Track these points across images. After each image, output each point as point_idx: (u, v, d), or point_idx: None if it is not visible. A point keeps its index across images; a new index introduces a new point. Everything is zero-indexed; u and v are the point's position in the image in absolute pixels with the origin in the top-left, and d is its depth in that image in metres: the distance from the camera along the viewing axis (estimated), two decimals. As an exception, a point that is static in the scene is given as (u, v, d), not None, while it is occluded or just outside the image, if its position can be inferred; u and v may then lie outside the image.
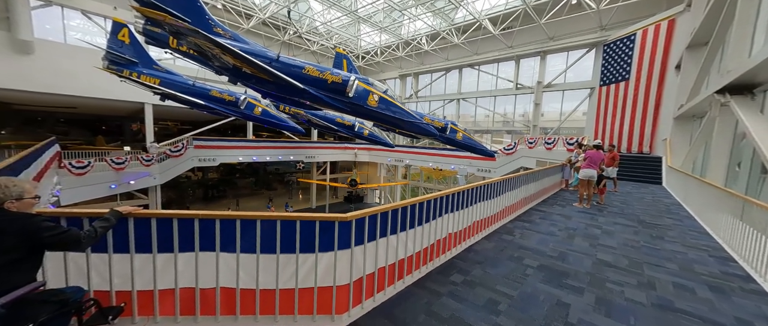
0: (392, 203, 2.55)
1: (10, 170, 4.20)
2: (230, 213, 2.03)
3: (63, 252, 1.92)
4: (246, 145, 20.69)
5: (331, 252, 2.17)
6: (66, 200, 12.05)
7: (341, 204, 28.66)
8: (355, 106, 9.90)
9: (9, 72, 13.58)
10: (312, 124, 19.82)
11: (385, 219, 2.49)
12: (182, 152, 17.52)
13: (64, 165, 12.12)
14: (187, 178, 28.79)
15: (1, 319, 1.23)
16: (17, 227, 1.41)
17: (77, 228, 1.71)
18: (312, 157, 24.21)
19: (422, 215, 2.95)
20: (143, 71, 13.28)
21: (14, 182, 1.50)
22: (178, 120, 28.44)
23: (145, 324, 2.06)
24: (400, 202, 2.59)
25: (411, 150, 23.91)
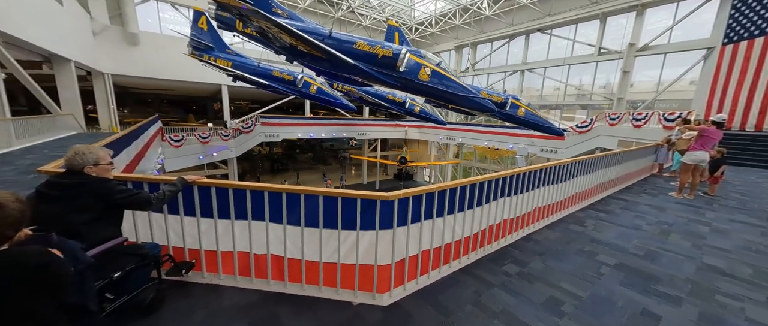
0: (439, 183, 2.33)
1: (123, 142, 5.13)
2: (277, 187, 2.08)
3: (148, 213, 2.22)
4: (304, 122, 22.08)
5: (372, 231, 2.09)
6: (168, 167, 14.64)
7: (391, 181, 29.14)
8: (405, 80, 9.52)
9: (123, 60, 16.47)
10: (363, 102, 20.02)
11: (430, 201, 2.29)
12: (252, 128, 19.49)
13: (166, 138, 14.56)
14: (258, 152, 32.42)
15: (94, 268, 1.45)
16: (95, 189, 1.63)
17: (148, 191, 1.95)
18: (363, 134, 24.75)
19: (473, 198, 2.67)
20: (219, 55, 14.81)
21: (90, 149, 1.69)
22: (249, 99, 31.58)
23: (211, 279, 2.31)
24: (447, 183, 2.35)
25: (464, 127, 22.58)
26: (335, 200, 2.04)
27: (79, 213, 1.56)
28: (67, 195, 1.57)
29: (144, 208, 1.81)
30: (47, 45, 10.42)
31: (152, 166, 10.12)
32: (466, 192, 2.57)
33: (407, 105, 18.74)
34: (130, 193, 1.73)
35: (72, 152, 1.65)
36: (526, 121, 12.95)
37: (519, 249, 3.13)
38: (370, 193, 2.00)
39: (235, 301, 2.09)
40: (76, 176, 1.62)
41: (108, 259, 1.62)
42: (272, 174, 29.99)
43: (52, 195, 1.55)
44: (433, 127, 24.01)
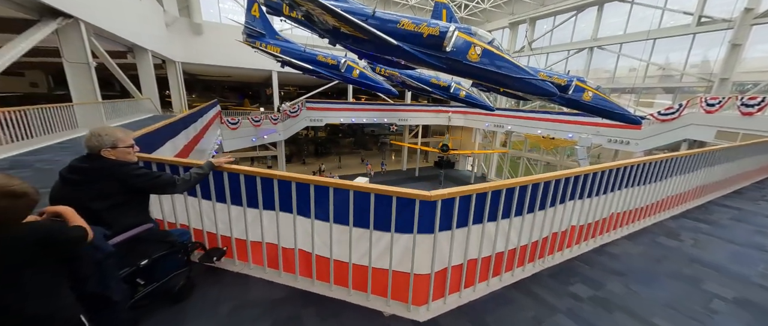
0: (492, 182, 1.90)
1: (181, 124, 5.51)
2: (305, 177, 1.87)
3: (184, 198, 2.20)
4: (346, 107, 22.30)
5: (408, 234, 1.77)
6: (226, 147, 16.03)
7: (431, 168, 28.38)
8: (452, 61, 8.76)
9: (190, 49, 18.09)
10: (406, 86, 19.40)
11: (481, 202, 1.89)
12: (298, 113, 20.30)
13: (224, 121, 15.87)
14: (304, 135, 34.07)
15: (115, 256, 1.40)
16: (114, 173, 1.56)
17: (170, 174, 1.87)
18: (405, 120, 24.23)
19: (535, 200, 2.18)
20: (269, 41, 15.41)
21: (107, 131, 1.59)
22: (297, 85, 32.94)
23: (241, 268, 2.25)
24: (502, 182, 1.91)
25: (515, 114, 20.66)
26: (367, 196, 1.76)
27: (100, 200, 1.50)
28: (87, 180, 1.51)
29: (167, 191, 1.73)
30: (130, 36, 11.77)
31: (211, 146, 11.09)
32: (526, 193, 2.10)
33: (452, 89, 17.69)
34: (150, 176, 1.64)
35: (89, 134, 1.58)
36: (593, 107, 11.22)
37: (589, 264, 2.56)
38: (407, 191, 1.68)
39: (261, 296, 1.98)
40: (94, 160, 1.55)
41: (134, 247, 1.58)
42: (316, 156, 31.34)
43: (73, 180, 1.51)
44: (479, 113, 22.43)
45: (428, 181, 24.02)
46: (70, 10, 7.74)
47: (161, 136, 4.21)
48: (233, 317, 1.78)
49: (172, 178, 1.72)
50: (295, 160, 29.25)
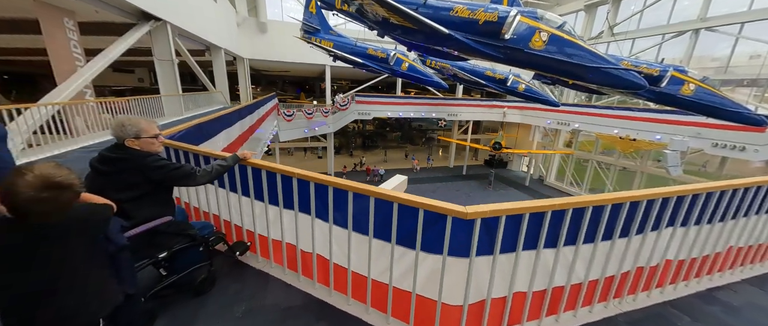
0: (555, 199, 1.46)
1: (236, 115, 5.93)
2: (324, 178, 1.67)
3: (214, 189, 2.21)
4: (393, 101, 22.11)
5: (437, 255, 1.46)
6: (281, 138, 17.26)
7: (480, 167, 26.71)
8: (512, 51, 7.84)
9: (256, 47, 19.71)
10: (457, 79, 18.37)
11: (537, 223, 1.47)
12: (347, 106, 20.80)
13: (280, 113, 17.05)
14: (353, 129, 35.11)
15: (129, 250, 1.39)
16: (136, 165, 1.55)
17: (191, 165, 1.83)
18: (454, 115, 23.08)
19: (614, 224, 1.65)
20: (324, 36, 15.96)
21: (131, 121, 1.57)
22: (348, 79, 33.94)
23: (263, 265, 2.19)
24: (568, 200, 1.46)
25: (585, 110, 18.02)
26: (389, 205, 1.49)
27: (123, 191, 1.51)
28: (113, 171, 1.53)
29: (187, 183, 1.68)
30: (207, 36, 13.22)
31: (267, 136, 11.98)
32: (603, 215, 1.59)
33: (510, 82, 16.19)
34: (169, 168, 1.60)
35: (114, 123, 1.58)
36: (694, 103, 9.09)
37: (690, 314, 1.90)
38: (438, 204, 1.36)
39: (276, 300, 1.88)
40: (119, 150, 1.56)
41: (154, 239, 1.58)
42: (364, 149, 32.01)
43: (101, 170, 1.53)
44: (540, 109, 20.22)
45: (477, 181, 22.65)
46: (160, 14, 8.91)
47: (216, 126, 4.52)
48: (246, 320, 1.70)
49: (191, 170, 1.67)
50: (343, 152, 30.30)
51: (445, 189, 20.49)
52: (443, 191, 20.17)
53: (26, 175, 0.92)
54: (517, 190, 20.95)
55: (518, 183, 22.64)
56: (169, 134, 2.69)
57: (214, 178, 1.80)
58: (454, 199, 9.86)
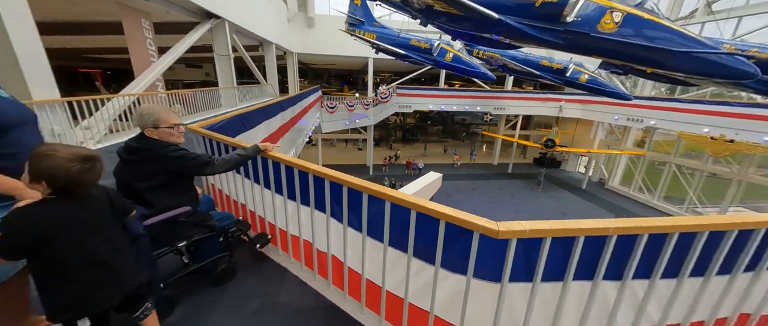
0: (622, 221, 1.11)
1: (277, 107, 6.17)
2: (340, 176, 1.53)
3: (240, 179, 2.23)
4: (436, 94, 21.35)
5: (461, 275, 1.22)
6: (324, 129, 17.87)
7: (529, 166, 24.64)
8: (575, 35, 6.87)
9: (304, 41, 20.53)
10: (507, 70, 17.04)
11: (595, 248, 1.14)
12: (388, 99, 20.68)
13: (323, 105, 17.62)
14: (394, 121, 35.03)
15: (151, 237, 1.42)
16: (154, 154, 1.56)
17: (209, 155, 1.82)
18: (501, 109, 21.47)
19: (709, 256, 1.24)
20: (368, 28, 15.97)
21: (150, 110, 1.58)
22: (391, 71, 33.80)
23: (282, 259, 2.17)
24: (642, 222, 1.10)
25: (666, 104, 15.29)
26: (407, 212, 1.29)
27: (144, 180, 1.54)
28: (135, 160, 1.56)
29: (204, 172, 1.67)
30: (261, 32, 14.08)
31: (309, 127, 12.45)
32: (695, 244, 1.19)
33: (569, 72, 14.50)
34: (186, 158, 1.60)
35: (137, 113, 1.62)
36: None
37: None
38: (463, 217, 1.12)
39: (289, 300, 1.82)
40: (141, 140, 1.59)
41: (173, 228, 1.61)
42: (403, 142, 31.78)
43: (125, 159, 1.58)
44: (606, 103, 17.79)
45: (523, 180, 20.97)
46: (219, 12, 9.67)
47: (257, 118, 4.72)
48: (257, 317, 1.67)
49: (208, 159, 1.66)
50: (383, 145, 30.43)
51: (486, 188, 19.35)
52: (484, 189, 19.07)
53: (56, 154, 0.95)
54: (570, 193, 18.90)
55: (573, 185, 20.40)
56: (209, 124, 2.81)
57: (233, 168, 1.80)
58: (496, 199, 9.40)
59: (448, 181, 20.46)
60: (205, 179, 2.93)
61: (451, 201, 17.52)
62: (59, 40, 12.63)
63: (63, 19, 9.89)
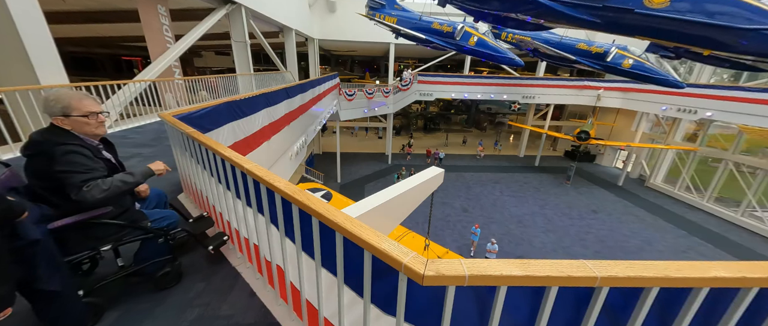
0: (617, 268, 0.73)
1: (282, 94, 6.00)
2: (273, 184, 1.26)
3: (204, 175, 2.05)
4: (458, 81, 20.27)
5: (390, 317, 0.93)
6: (342, 117, 17.74)
7: (559, 159, 23.00)
8: (617, 13, 5.97)
9: (325, 27, 20.26)
10: (539, 55, 15.67)
11: (580, 303, 0.78)
12: (409, 86, 20.01)
13: (342, 92, 17.42)
14: (415, 110, 34.20)
15: (61, 242, 1.26)
16: (43, 150, 1.32)
17: (87, 177, 1.38)
18: (530, 97, 19.97)
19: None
20: (388, 12, 15.36)
21: (56, 96, 1.35)
22: (415, 58, 32.72)
23: (238, 262, 1.99)
24: (654, 268, 0.71)
25: (726, 93, 13.25)
26: (332, 234, 0.99)
27: (37, 178, 1.34)
28: (28, 154, 1.35)
29: (71, 192, 1.34)
30: (280, 18, 13.99)
31: (324, 114, 12.33)
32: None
33: (611, 57, 13.06)
34: (69, 170, 1.31)
35: (42, 99, 1.45)
36: None
37: None
38: (389, 251, 0.80)
39: (232, 312, 1.63)
40: (44, 132, 1.37)
41: (89, 231, 1.44)
42: (425, 131, 30.99)
43: (25, 154, 1.35)
44: (652, 91, 15.89)
45: (551, 174, 19.63)
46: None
47: (256, 104, 4.58)
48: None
49: (81, 181, 1.33)
50: (404, 133, 29.90)
51: (509, 181, 18.37)
52: (507, 183, 18.12)
53: None
54: (604, 189, 17.40)
55: (607, 181, 18.76)
56: (184, 112, 2.66)
57: (111, 197, 1.41)
58: (519, 193, 8.76)
59: (470, 172, 19.68)
60: (179, 169, 2.83)
61: (470, 194, 16.88)
62: (79, 29, 13.34)
63: (83, 9, 10.33)
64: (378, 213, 2.85)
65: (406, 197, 3.53)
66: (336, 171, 18.15)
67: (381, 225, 3.29)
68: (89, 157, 1.38)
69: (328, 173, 18.52)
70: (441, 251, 4.73)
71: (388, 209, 3.15)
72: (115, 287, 1.63)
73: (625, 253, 11.30)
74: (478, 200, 15.78)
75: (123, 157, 1.69)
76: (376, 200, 2.88)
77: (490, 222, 13.42)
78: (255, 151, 4.58)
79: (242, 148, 4.09)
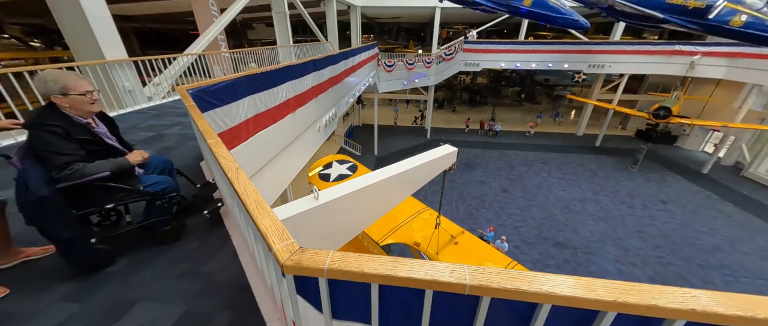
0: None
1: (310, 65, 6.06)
2: (225, 167, 1.30)
3: None
4: (510, 49, 18.14)
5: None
6: (381, 89, 17.51)
7: (629, 139, 19.87)
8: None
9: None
10: (615, 13, 13.10)
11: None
12: (453, 55, 18.63)
13: (380, 63, 17.01)
14: (461, 81, 32.03)
15: (71, 199, 1.51)
16: (33, 125, 1.47)
17: (66, 160, 1.52)
18: (599, 66, 17.07)
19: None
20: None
21: (54, 77, 1.47)
22: (466, 22, 30.04)
23: (231, 225, 2.17)
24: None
25: None
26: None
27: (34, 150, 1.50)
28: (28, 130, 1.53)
29: (51, 171, 1.49)
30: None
31: (359, 86, 12.22)
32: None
33: (716, 12, 10.49)
34: (43, 148, 1.45)
35: (38, 79, 1.51)
36: None
37: None
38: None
39: (213, 269, 1.81)
40: (46, 109, 1.55)
41: (91, 192, 1.67)
42: (470, 105, 29.04)
43: (26, 128, 1.54)
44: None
45: (616, 157, 17.21)
46: (273, -32, 9.70)
47: (279, 78, 4.70)
48: (176, 281, 1.73)
49: (63, 163, 1.47)
50: (446, 107, 28.50)
51: (561, 162, 16.63)
52: (558, 163, 16.45)
53: None
54: (682, 177, 14.76)
55: (689, 168, 15.82)
56: (199, 87, 2.85)
57: (78, 179, 1.56)
58: (570, 176, 8.35)
59: (515, 151, 18.24)
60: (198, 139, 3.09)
61: (512, 174, 15.75)
62: (141, 7, 14.72)
63: None
64: (388, 184, 2.89)
65: (416, 172, 3.47)
66: (373, 143, 18.37)
67: (389, 196, 3.31)
68: (62, 136, 1.51)
69: (367, 145, 18.85)
70: (456, 230, 4.58)
71: (399, 181, 3.15)
72: (128, 238, 1.94)
73: (693, 251, 9.71)
74: (521, 180, 14.70)
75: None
76: (387, 172, 2.89)
77: (532, 206, 12.52)
78: (279, 123, 4.80)
79: (265, 120, 4.32)
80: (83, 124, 1.66)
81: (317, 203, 2.23)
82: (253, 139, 3.87)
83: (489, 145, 19.32)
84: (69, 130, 1.53)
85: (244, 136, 3.67)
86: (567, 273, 0.64)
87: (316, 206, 2.22)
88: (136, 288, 1.66)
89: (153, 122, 4.60)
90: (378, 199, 3.13)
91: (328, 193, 2.35)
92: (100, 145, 1.72)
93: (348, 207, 2.64)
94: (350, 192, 2.52)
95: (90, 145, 1.65)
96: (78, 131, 1.59)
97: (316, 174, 5.58)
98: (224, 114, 3.26)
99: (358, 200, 2.71)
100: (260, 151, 4.11)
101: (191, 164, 3.35)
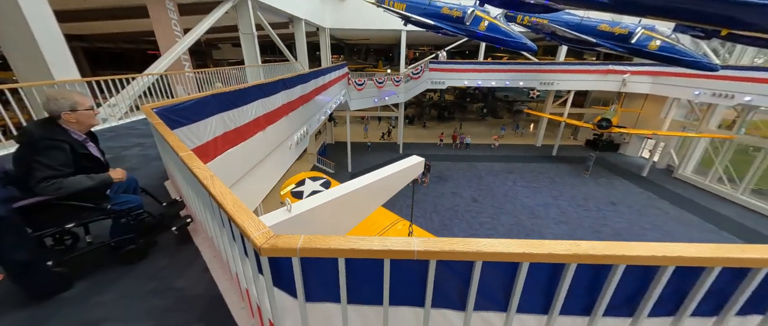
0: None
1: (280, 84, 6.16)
2: (197, 173, 1.37)
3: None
4: (471, 68, 19.62)
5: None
6: (352, 107, 17.83)
7: (580, 148, 21.93)
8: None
9: (336, 16, 20.09)
10: (557, 38, 14.81)
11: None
12: (420, 74, 19.65)
13: (351, 82, 17.44)
14: (429, 98, 33.53)
15: (29, 220, 1.46)
16: (32, 140, 1.50)
17: (53, 173, 1.55)
18: (549, 84, 18.99)
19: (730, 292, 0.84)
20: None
21: (63, 95, 1.57)
22: (430, 45, 31.93)
23: (201, 242, 2.16)
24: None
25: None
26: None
27: (17, 163, 1.54)
28: (22, 142, 1.55)
29: (30, 180, 1.52)
30: (289, 8, 14.08)
31: (330, 104, 12.40)
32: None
33: (636, 38, 12.20)
34: (43, 162, 1.49)
35: (45, 98, 1.57)
36: None
37: None
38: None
39: (183, 285, 1.80)
40: (38, 124, 1.57)
41: (51, 211, 1.63)
42: (439, 121, 30.40)
43: (18, 141, 1.57)
44: (685, 75, 14.60)
45: (570, 165, 18.84)
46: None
47: (249, 96, 4.73)
48: (146, 298, 1.68)
49: (43, 177, 1.50)
50: (417, 123, 29.58)
51: (523, 171, 17.84)
52: (521, 173, 17.61)
53: None
54: (627, 181, 16.49)
55: (631, 172, 17.75)
56: (166, 106, 2.84)
57: (60, 194, 1.57)
58: (533, 183, 8.82)
59: (483, 163, 19.27)
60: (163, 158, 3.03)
61: (482, 184, 16.58)
62: (98, 26, 14.00)
63: (95, 6, 10.72)
64: (359, 194, 3.01)
65: (385, 182, 3.63)
66: (347, 160, 18.41)
67: (360, 206, 3.42)
68: (67, 152, 1.58)
69: (340, 162, 18.83)
70: (425, 236, 4.78)
71: (370, 191, 3.29)
72: (88, 260, 1.85)
73: (641, 247, 10.78)
74: (490, 190, 15.49)
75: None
76: (358, 183, 3.01)
77: (501, 213, 13.20)
78: (249, 140, 4.78)
79: (234, 137, 4.29)
80: (81, 140, 1.69)
81: (290, 215, 2.29)
82: (223, 156, 3.83)
83: (459, 158, 20.20)
84: (73, 145, 1.58)
85: (213, 154, 3.63)
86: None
87: (288, 218, 2.29)
88: (98, 309, 1.59)
89: (111, 144, 4.35)
90: (350, 209, 3.25)
91: (301, 205, 2.43)
92: (93, 160, 1.75)
93: (320, 218, 2.72)
94: (322, 203, 2.62)
95: (86, 160, 1.68)
96: (78, 147, 1.64)
97: (288, 192, 5.54)
98: (191, 132, 3.23)
99: (330, 211, 2.80)
100: (230, 168, 4.06)
101: (156, 184, 3.23)
